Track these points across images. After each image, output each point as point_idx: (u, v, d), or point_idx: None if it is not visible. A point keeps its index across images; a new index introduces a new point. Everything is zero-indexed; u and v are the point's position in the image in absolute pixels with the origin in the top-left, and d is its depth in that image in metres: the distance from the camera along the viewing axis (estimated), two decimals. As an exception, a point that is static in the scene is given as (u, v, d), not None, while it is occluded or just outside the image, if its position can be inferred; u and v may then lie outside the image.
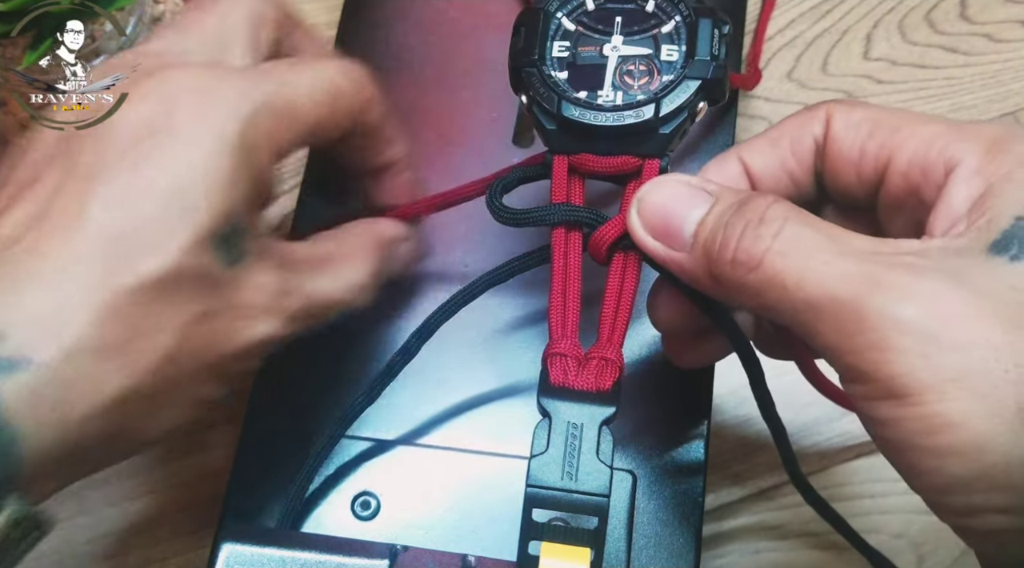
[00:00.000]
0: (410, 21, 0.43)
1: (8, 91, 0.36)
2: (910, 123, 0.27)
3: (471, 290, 0.31)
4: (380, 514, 0.34)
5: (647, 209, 0.27)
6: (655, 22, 0.31)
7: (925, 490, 0.23)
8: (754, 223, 0.25)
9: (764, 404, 0.31)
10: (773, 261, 0.24)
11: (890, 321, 0.22)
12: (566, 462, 0.26)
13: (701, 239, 0.26)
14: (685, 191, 0.27)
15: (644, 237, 0.27)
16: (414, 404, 0.35)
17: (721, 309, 0.29)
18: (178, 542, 0.37)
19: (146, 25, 0.37)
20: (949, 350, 0.22)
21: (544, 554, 0.26)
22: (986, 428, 0.21)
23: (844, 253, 0.24)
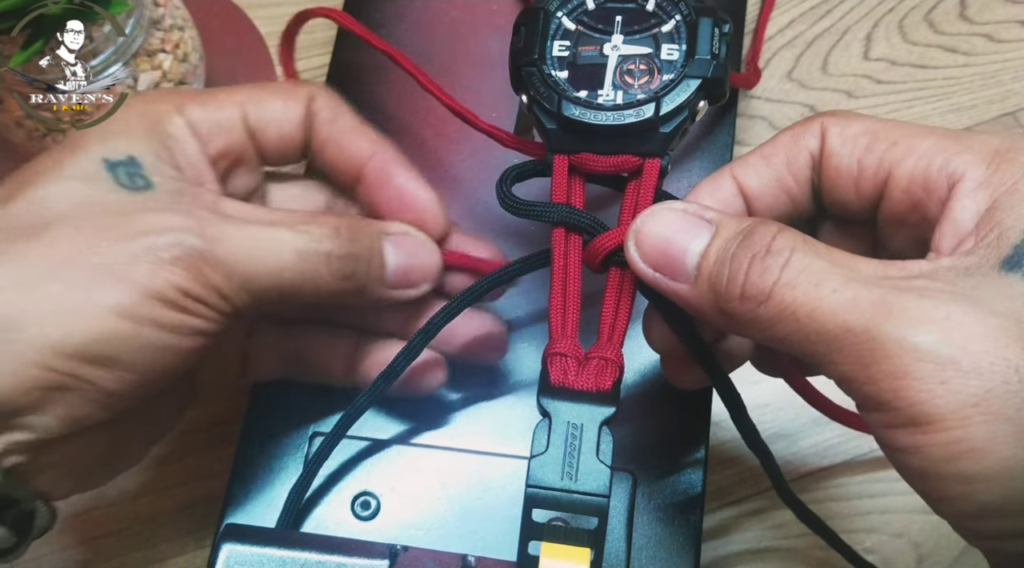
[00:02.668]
0: (410, 21, 0.43)
1: (5, 90, 0.36)
2: (908, 135, 0.27)
3: (474, 292, 0.31)
4: (380, 514, 0.34)
5: (645, 241, 0.27)
6: (655, 21, 0.31)
7: (953, 516, 0.23)
8: (760, 255, 0.24)
9: (747, 433, 0.31)
10: (783, 293, 0.24)
11: (906, 348, 0.22)
12: (566, 462, 0.26)
13: (706, 273, 0.25)
14: (683, 220, 0.27)
15: (644, 269, 0.27)
16: (414, 404, 0.35)
17: (700, 341, 0.30)
18: (178, 542, 0.37)
19: (144, 27, 0.37)
20: (969, 374, 0.21)
21: (544, 554, 0.26)
22: (1012, 452, 0.21)
23: (853, 280, 0.23)
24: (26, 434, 0.26)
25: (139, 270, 0.26)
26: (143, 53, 0.37)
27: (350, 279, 0.30)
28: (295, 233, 0.29)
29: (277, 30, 0.46)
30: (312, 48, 0.46)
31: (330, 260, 0.29)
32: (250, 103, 0.31)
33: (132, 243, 0.26)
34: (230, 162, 0.31)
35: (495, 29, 0.42)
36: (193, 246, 0.27)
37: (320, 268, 0.29)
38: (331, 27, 0.44)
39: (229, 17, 0.46)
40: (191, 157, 0.30)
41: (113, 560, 0.37)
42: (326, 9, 0.38)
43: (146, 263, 0.26)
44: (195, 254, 0.27)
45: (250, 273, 0.28)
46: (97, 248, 0.26)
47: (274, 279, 0.28)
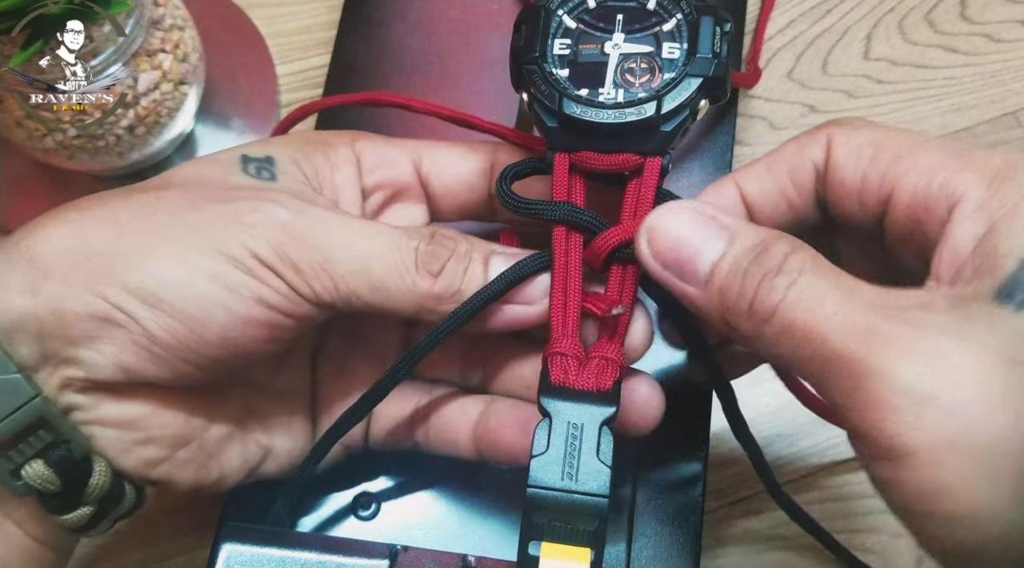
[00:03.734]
0: (410, 21, 0.43)
1: (5, 90, 0.36)
2: (911, 150, 0.26)
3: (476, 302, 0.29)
4: (380, 514, 0.34)
5: (659, 239, 0.26)
6: (656, 20, 0.31)
7: (934, 554, 0.22)
8: (772, 273, 0.24)
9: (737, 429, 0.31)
10: (785, 312, 0.23)
11: (888, 379, 0.21)
12: (566, 462, 0.26)
13: (717, 283, 0.25)
14: (698, 223, 0.26)
15: (654, 265, 0.26)
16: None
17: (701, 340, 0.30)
18: (178, 542, 0.37)
19: (144, 27, 0.37)
20: (947, 411, 0.20)
21: (544, 554, 0.26)
22: (989, 494, 0.20)
23: (851, 304, 0.23)
24: (77, 370, 0.26)
25: (215, 226, 0.27)
26: (143, 53, 0.37)
27: (438, 279, 0.28)
28: (390, 228, 0.29)
29: (277, 30, 0.46)
30: (312, 48, 0.46)
31: (418, 254, 0.28)
32: (425, 148, 0.32)
33: (224, 206, 0.27)
34: (387, 196, 0.32)
35: (495, 29, 0.42)
36: (277, 216, 0.27)
37: (408, 262, 0.28)
38: (331, 27, 0.44)
39: (229, 17, 0.46)
40: (340, 180, 0.31)
41: (112, 560, 0.37)
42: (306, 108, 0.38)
43: (225, 221, 0.27)
44: (276, 223, 0.27)
45: (332, 251, 0.27)
46: (193, 207, 0.27)
47: (359, 263, 0.28)
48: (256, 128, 0.44)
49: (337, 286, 0.28)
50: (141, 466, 0.28)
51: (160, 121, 0.39)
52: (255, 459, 0.31)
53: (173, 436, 0.29)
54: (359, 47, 0.42)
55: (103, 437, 0.28)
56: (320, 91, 0.42)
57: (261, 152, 0.30)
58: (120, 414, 0.28)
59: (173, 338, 0.27)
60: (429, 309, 0.29)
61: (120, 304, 0.26)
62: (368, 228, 0.28)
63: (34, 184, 0.42)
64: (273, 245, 0.27)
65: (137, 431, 0.28)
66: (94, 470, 0.27)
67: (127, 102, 0.37)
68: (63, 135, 0.37)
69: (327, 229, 0.28)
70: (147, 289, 0.26)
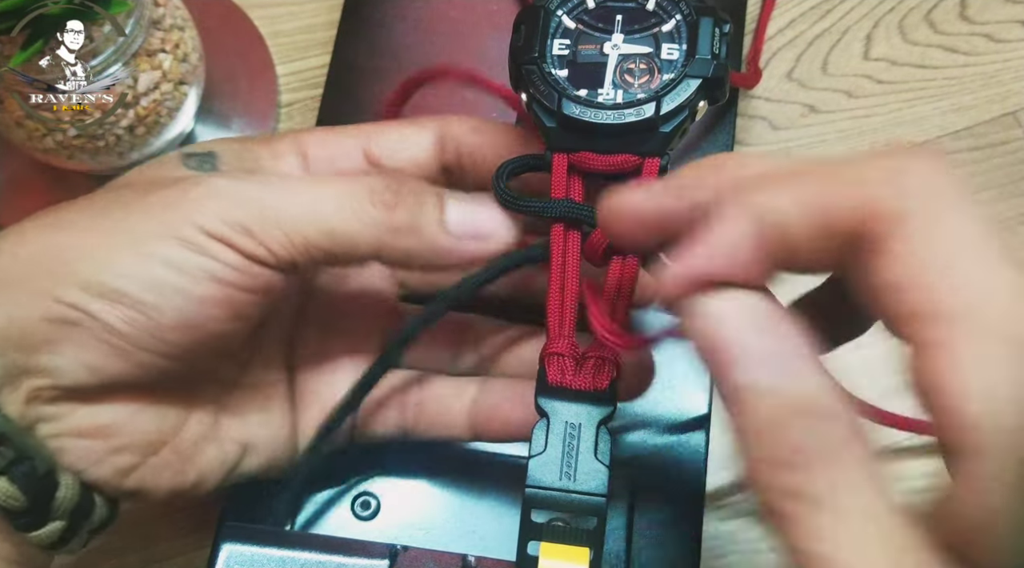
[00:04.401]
0: (410, 21, 0.43)
1: (4, 90, 0.36)
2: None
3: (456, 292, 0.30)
4: (380, 514, 0.34)
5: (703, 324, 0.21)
6: (656, 20, 0.31)
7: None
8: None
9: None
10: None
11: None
12: (564, 462, 0.26)
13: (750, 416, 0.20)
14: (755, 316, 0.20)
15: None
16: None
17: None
18: (178, 542, 0.37)
19: (144, 27, 0.37)
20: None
21: (543, 554, 0.26)
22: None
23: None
24: (43, 379, 0.26)
25: (163, 210, 0.27)
26: (143, 53, 0.37)
27: (395, 210, 0.28)
28: (337, 176, 0.28)
29: (277, 30, 0.46)
30: (312, 48, 0.46)
31: (370, 188, 0.28)
32: (372, 131, 0.32)
33: (169, 190, 0.27)
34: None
35: (495, 29, 0.42)
36: (219, 184, 0.27)
37: (360, 197, 0.28)
38: (331, 27, 0.44)
39: (229, 17, 0.46)
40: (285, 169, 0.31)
41: (112, 560, 0.37)
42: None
43: (172, 203, 0.27)
44: (220, 190, 0.27)
45: (283, 205, 0.27)
46: (140, 199, 0.27)
47: (311, 211, 0.27)
48: (256, 128, 0.44)
49: (292, 239, 0.27)
50: (114, 476, 0.28)
51: (160, 121, 0.39)
52: (234, 457, 0.31)
53: (146, 442, 0.28)
54: (359, 47, 0.43)
55: (74, 448, 0.27)
56: (320, 91, 0.42)
57: (203, 148, 0.31)
58: (91, 422, 0.27)
59: (133, 328, 0.26)
60: (389, 245, 0.28)
61: (76, 303, 0.26)
62: (315, 178, 0.28)
63: (34, 184, 0.42)
64: (220, 214, 0.26)
65: (109, 439, 0.27)
66: (60, 484, 0.27)
67: (127, 102, 0.37)
68: (63, 135, 0.37)
69: (272, 186, 0.27)
70: (104, 284, 0.26)
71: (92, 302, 0.26)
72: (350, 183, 0.28)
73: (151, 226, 0.26)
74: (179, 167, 0.30)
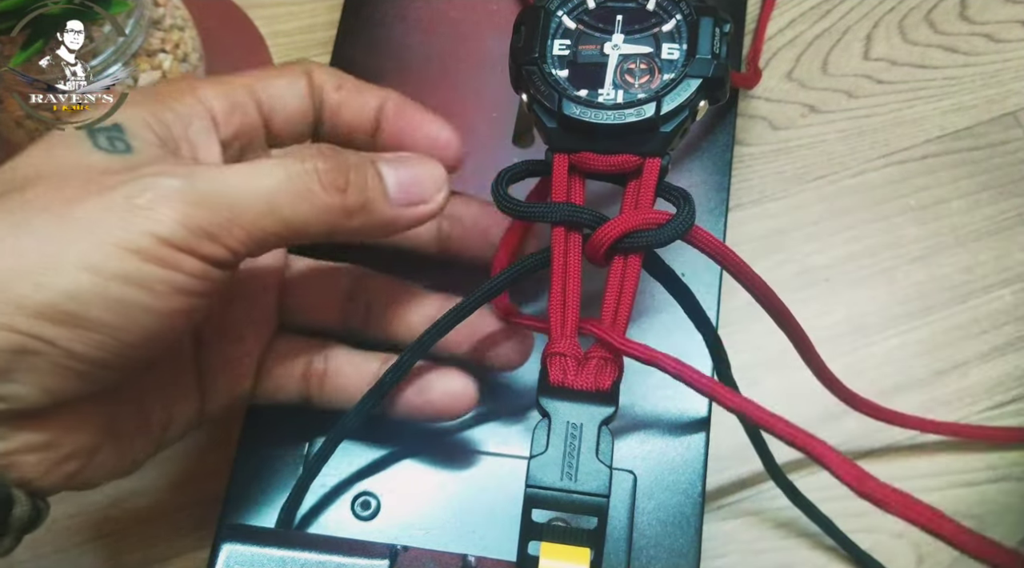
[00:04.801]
0: (410, 21, 0.43)
1: (4, 90, 0.36)
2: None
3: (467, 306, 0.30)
4: (380, 514, 0.34)
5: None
6: (656, 21, 0.31)
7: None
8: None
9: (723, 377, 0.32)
10: None
11: None
12: (565, 462, 0.26)
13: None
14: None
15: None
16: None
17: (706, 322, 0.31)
18: (178, 542, 0.37)
19: (144, 27, 0.37)
20: None
21: (544, 554, 0.26)
22: None
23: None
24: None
25: (110, 220, 0.25)
26: (143, 53, 0.37)
27: (346, 192, 0.28)
28: (279, 160, 0.28)
29: (277, 30, 0.46)
30: (312, 48, 0.46)
31: (319, 174, 0.27)
32: (258, 84, 0.31)
33: (109, 193, 0.25)
34: (243, 143, 0.31)
35: (495, 29, 0.42)
36: (171, 186, 0.25)
37: (312, 185, 0.27)
38: (331, 27, 0.44)
39: (229, 17, 0.46)
40: (194, 135, 0.29)
41: (112, 560, 0.37)
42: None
43: (119, 211, 0.25)
44: (173, 193, 0.25)
45: (237, 202, 0.26)
46: (72, 202, 0.25)
47: (265, 203, 0.26)
48: (256, 128, 0.44)
49: (250, 235, 0.26)
50: (63, 480, 0.27)
51: (160, 121, 0.39)
52: (158, 436, 0.31)
53: (90, 445, 0.28)
54: (359, 47, 0.43)
55: (24, 464, 0.26)
56: (320, 91, 0.42)
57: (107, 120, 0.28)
58: (41, 438, 0.26)
59: (97, 350, 0.25)
60: (341, 226, 0.28)
61: (33, 332, 0.24)
62: (258, 168, 0.27)
63: (34, 184, 0.42)
64: (179, 220, 0.25)
65: (58, 449, 0.27)
66: (15, 504, 0.26)
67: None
68: (63, 135, 0.37)
69: (222, 182, 0.26)
70: (59, 308, 0.24)
71: (51, 329, 0.24)
72: (297, 167, 0.27)
73: (99, 240, 0.24)
74: (88, 148, 0.27)
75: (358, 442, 0.35)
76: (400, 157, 0.30)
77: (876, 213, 0.43)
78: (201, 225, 0.25)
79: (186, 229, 0.25)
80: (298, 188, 0.27)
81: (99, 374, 0.26)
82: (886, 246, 0.42)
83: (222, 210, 0.26)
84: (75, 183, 0.26)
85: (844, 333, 0.41)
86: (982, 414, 0.40)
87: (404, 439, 0.35)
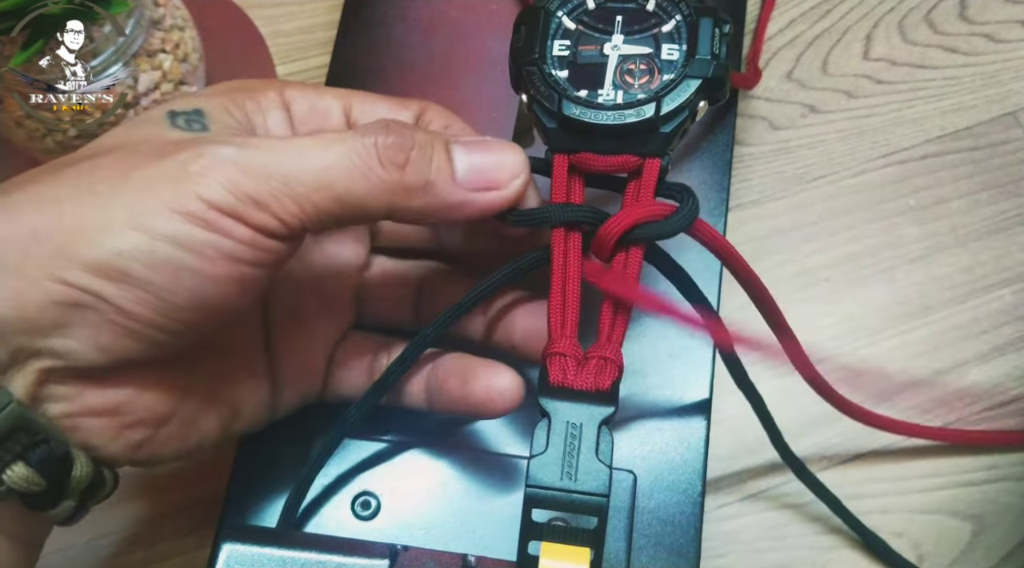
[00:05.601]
0: (410, 21, 0.43)
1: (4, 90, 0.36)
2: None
3: (470, 300, 0.31)
4: (380, 514, 0.34)
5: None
6: (656, 21, 0.31)
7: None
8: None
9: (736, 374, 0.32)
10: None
11: None
12: (565, 462, 0.26)
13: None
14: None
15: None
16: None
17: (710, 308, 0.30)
18: (178, 542, 0.37)
19: (144, 27, 0.37)
20: None
21: (544, 554, 0.26)
22: None
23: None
24: (54, 361, 0.25)
25: (162, 183, 0.25)
26: (143, 53, 0.37)
27: (406, 170, 0.27)
28: (340, 134, 0.27)
29: (277, 30, 0.46)
30: (312, 48, 0.46)
31: (379, 149, 0.27)
32: (357, 99, 0.31)
33: (165, 161, 0.26)
34: None
35: (495, 29, 0.42)
36: (223, 153, 0.26)
37: (371, 160, 0.27)
38: (331, 27, 0.44)
39: (229, 17, 0.46)
40: (273, 125, 0.30)
41: (112, 560, 0.37)
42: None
43: (172, 175, 0.25)
44: (224, 161, 0.25)
45: (290, 173, 0.26)
46: (133, 168, 0.26)
47: (319, 177, 0.26)
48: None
49: (303, 208, 0.26)
50: (128, 450, 0.28)
51: (160, 121, 0.39)
52: (228, 419, 0.31)
53: (157, 414, 0.28)
54: (359, 47, 0.43)
55: (89, 427, 0.27)
56: (320, 91, 0.42)
57: (188, 105, 0.29)
58: (103, 401, 0.27)
59: (147, 310, 0.25)
60: (401, 206, 0.27)
61: (85, 286, 0.25)
62: (319, 140, 0.27)
63: (34, 184, 0.42)
64: (227, 187, 0.25)
65: (122, 416, 0.27)
66: (75, 464, 0.27)
67: (127, 102, 0.37)
68: (63, 135, 0.37)
69: (277, 153, 0.26)
70: (109, 265, 0.25)
71: (102, 284, 0.25)
72: (356, 142, 0.27)
73: (150, 202, 0.25)
74: (166, 127, 0.28)
75: (359, 441, 0.35)
76: (479, 141, 0.29)
77: (876, 213, 0.43)
78: (248, 193, 0.25)
79: (232, 196, 0.25)
80: (356, 163, 0.26)
81: (153, 336, 0.26)
82: (886, 246, 0.42)
83: (272, 180, 0.26)
84: (142, 152, 0.26)
85: (844, 333, 0.41)
86: (981, 414, 0.40)
87: (405, 439, 0.35)
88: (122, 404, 0.27)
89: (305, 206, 0.26)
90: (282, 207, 0.26)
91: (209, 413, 0.30)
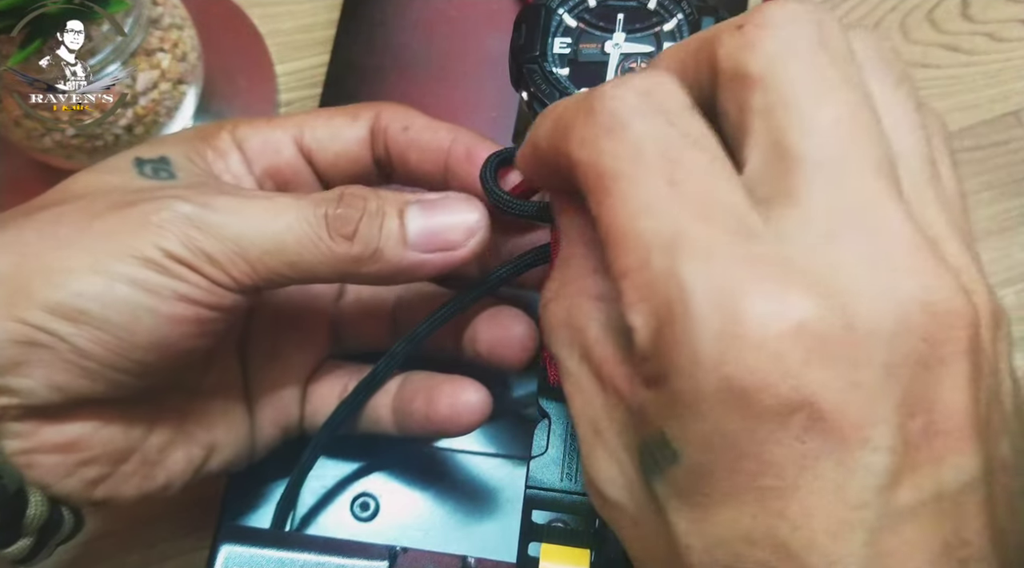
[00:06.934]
0: (410, 21, 0.43)
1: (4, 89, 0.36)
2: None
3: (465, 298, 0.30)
4: (379, 515, 0.34)
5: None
6: (657, 20, 0.31)
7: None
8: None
9: None
10: None
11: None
12: (565, 463, 0.26)
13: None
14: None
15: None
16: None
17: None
18: (178, 542, 0.37)
19: (143, 26, 0.37)
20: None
21: (544, 556, 0.25)
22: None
23: None
24: (10, 399, 0.26)
25: (124, 231, 0.26)
26: (142, 52, 0.37)
27: (354, 241, 0.27)
28: (296, 201, 0.28)
29: (276, 29, 0.46)
30: (311, 48, 0.46)
31: (328, 220, 0.27)
32: (308, 124, 0.32)
33: (129, 210, 0.27)
34: (278, 182, 0.31)
35: (495, 29, 0.42)
36: (182, 211, 0.27)
37: (320, 231, 0.27)
38: (331, 26, 0.44)
39: (228, 16, 0.46)
40: (234, 170, 0.31)
41: (111, 561, 0.37)
42: None
43: (134, 225, 0.26)
44: (183, 218, 0.26)
45: (243, 237, 0.27)
46: (97, 216, 0.27)
47: (271, 243, 0.27)
48: (256, 127, 0.44)
49: (255, 269, 0.27)
50: (84, 488, 0.28)
51: (159, 120, 0.39)
52: (199, 459, 0.31)
53: (114, 452, 0.28)
54: (358, 46, 0.42)
55: (43, 464, 0.27)
56: (319, 90, 0.42)
57: (154, 153, 0.30)
58: (59, 437, 0.27)
59: (103, 349, 0.26)
60: (350, 273, 0.28)
61: (42, 325, 0.25)
62: (274, 204, 0.28)
63: (32, 184, 0.42)
64: (184, 241, 0.26)
65: (78, 453, 0.27)
66: (29, 501, 0.26)
67: (126, 101, 0.37)
68: (61, 135, 0.37)
69: (233, 215, 0.27)
70: (68, 305, 0.25)
71: (59, 324, 0.25)
72: (308, 211, 0.27)
73: (112, 247, 0.26)
74: (134, 175, 0.29)
75: (357, 443, 0.35)
76: (437, 201, 0.29)
77: (877, 213, 0.43)
78: (203, 249, 0.26)
79: (188, 250, 0.26)
80: (306, 232, 0.27)
81: (110, 376, 0.27)
82: (887, 246, 0.42)
83: (227, 241, 0.27)
84: (108, 201, 0.27)
85: (845, 333, 0.41)
86: (984, 414, 0.39)
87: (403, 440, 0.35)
88: (78, 440, 0.27)
89: (257, 267, 0.27)
90: (235, 267, 0.27)
91: (175, 452, 0.30)
